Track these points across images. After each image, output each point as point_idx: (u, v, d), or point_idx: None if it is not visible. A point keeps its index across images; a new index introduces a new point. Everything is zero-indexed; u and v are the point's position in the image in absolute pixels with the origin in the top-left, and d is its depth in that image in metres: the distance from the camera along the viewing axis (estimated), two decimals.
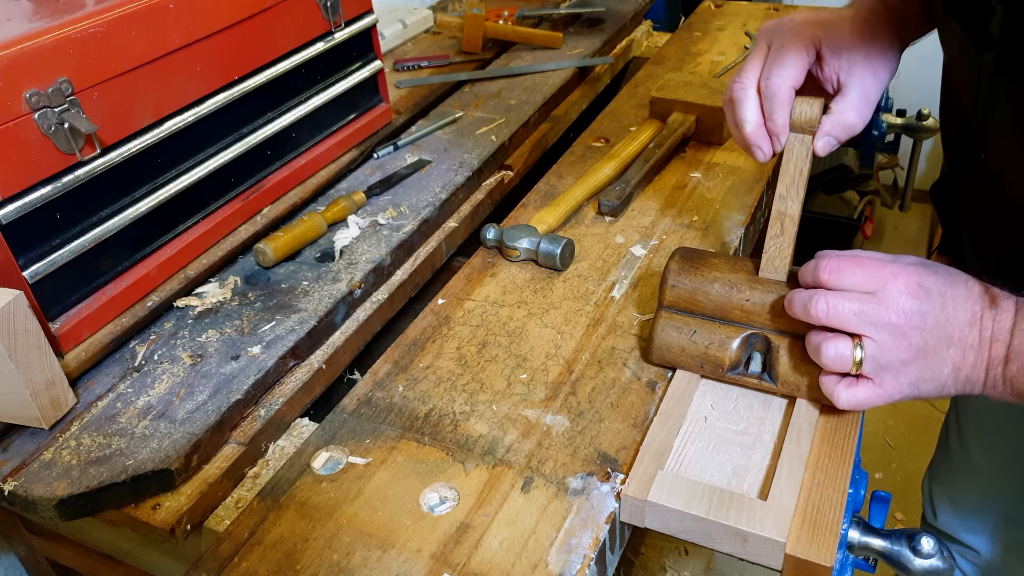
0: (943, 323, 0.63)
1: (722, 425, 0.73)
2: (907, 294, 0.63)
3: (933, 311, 0.63)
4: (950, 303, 0.63)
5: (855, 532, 0.67)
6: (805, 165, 0.71)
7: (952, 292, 0.64)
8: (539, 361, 0.82)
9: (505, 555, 0.63)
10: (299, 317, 0.86)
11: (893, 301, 0.63)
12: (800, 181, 0.71)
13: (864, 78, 0.73)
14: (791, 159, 0.71)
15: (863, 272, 0.65)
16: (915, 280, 0.64)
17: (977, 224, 0.85)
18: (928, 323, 0.63)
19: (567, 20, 1.56)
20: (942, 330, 0.63)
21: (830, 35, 0.72)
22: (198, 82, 0.88)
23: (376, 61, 1.13)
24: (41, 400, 0.73)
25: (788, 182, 0.72)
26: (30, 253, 0.77)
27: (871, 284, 0.64)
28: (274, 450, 0.78)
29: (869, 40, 0.73)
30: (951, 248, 0.94)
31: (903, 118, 2.33)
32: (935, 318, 0.63)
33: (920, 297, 0.63)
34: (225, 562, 0.64)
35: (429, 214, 1.02)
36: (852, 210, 2.48)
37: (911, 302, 0.63)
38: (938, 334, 0.63)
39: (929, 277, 0.64)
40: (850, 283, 0.65)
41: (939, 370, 0.64)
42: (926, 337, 0.63)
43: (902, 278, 0.64)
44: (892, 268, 0.64)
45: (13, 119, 0.72)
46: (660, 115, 1.18)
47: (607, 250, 0.97)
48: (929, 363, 0.64)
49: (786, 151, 0.72)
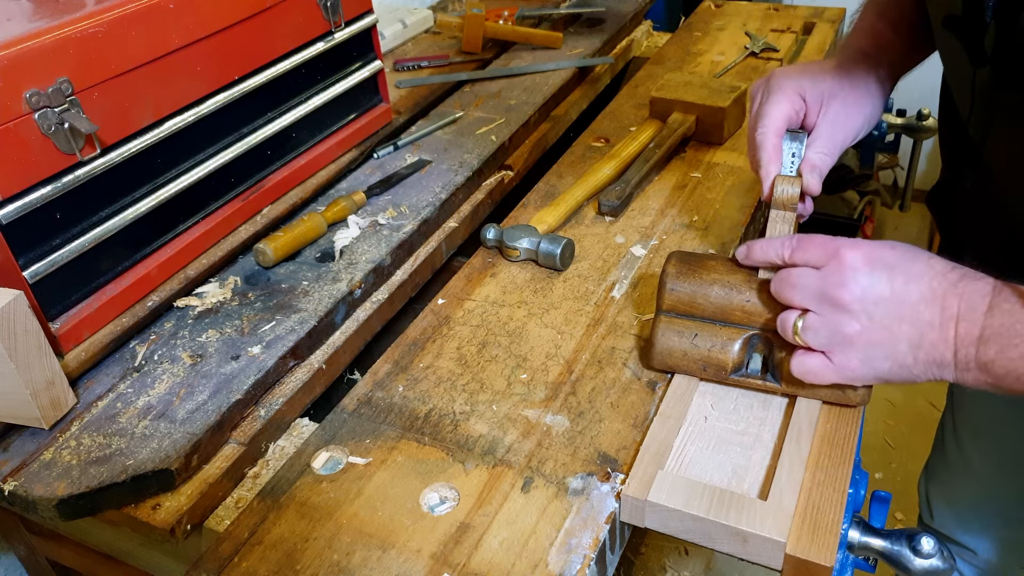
0: (888, 298, 0.62)
1: (722, 425, 0.73)
2: (851, 268, 0.63)
3: (877, 285, 0.62)
4: (900, 278, 0.62)
5: (855, 532, 0.67)
6: None
7: (905, 267, 0.63)
8: (539, 361, 0.82)
9: (505, 555, 0.63)
10: (299, 317, 0.86)
11: (836, 275, 0.63)
12: None
13: (835, 121, 0.80)
14: (773, 235, 0.75)
15: (815, 248, 0.66)
16: (863, 253, 0.63)
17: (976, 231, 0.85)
18: (870, 296, 0.62)
19: (567, 20, 1.56)
20: (888, 305, 0.62)
21: (812, 84, 0.80)
22: (198, 82, 0.88)
23: (376, 61, 1.13)
24: (41, 400, 0.73)
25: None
26: (30, 253, 0.77)
27: (822, 259, 0.65)
28: (274, 450, 0.78)
29: (848, 86, 0.80)
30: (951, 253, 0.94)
31: (903, 118, 2.33)
32: (878, 292, 0.62)
33: (865, 270, 0.63)
34: (225, 562, 0.64)
35: (429, 214, 1.02)
36: (852, 210, 2.48)
37: (854, 276, 0.63)
38: (884, 309, 0.62)
39: (882, 251, 0.64)
40: (804, 259, 0.67)
41: (892, 348, 0.63)
42: (870, 311, 0.62)
43: (850, 252, 0.63)
44: (844, 242, 0.65)
45: (13, 119, 0.72)
46: (660, 115, 1.18)
47: (607, 250, 0.97)
48: (877, 339, 0.63)
49: (768, 226, 0.76)
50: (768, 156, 0.78)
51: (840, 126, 0.80)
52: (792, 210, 0.75)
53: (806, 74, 0.81)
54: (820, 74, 0.81)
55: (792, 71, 0.81)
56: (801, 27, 1.52)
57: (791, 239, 0.68)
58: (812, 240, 0.67)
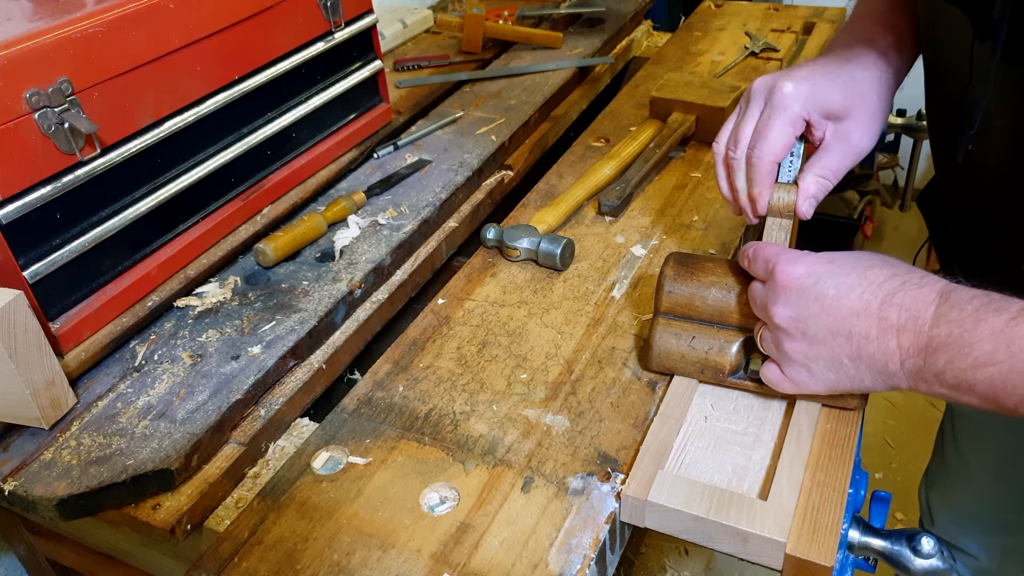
0: (818, 313, 0.62)
1: (722, 425, 0.73)
2: (782, 287, 0.64)
3: (807, 303, 0.63)
4: (830, 292, 0.62)
5: (855, 532, 0.67)
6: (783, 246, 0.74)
7: (838, 281, 0.62)
8: (539, 361, 0.82)
9: (505, 555, 0.63)
10: (299, 317, 0.86)
11: (772, 293, 0.65)
12: None
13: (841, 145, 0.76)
14: (770, 241, 0.74)
15: (759, 263, 0.68)
16: (795, 271, 0.64)
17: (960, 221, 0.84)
18: (803, 314, 0.63)
19: (567, 20, 1.56)
20: (820, 320, 0.62)
21: (820, 106, 0.75)
22: (198, 82, 0.88)
23: (376, 61, 1.13)
24: (41, 400, 0.73)
25: None
26: (30, 253, 0.76)
27: (764, 275, 0.67)
28: (274, 450, 0.78)
29: (858, 102, 0.76)
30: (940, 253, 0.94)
31: (903, 118, 2.33)
32: (809, 309, 0.63)
33: (795, 289, 0.64)
34: (225, 562, 0.64)
35: (429, 214, 1.02)
36: (852, 210, 2.48)
37: (785, 295, 0.64)
38: (816, 324, 0.63)
39: (817, 266, 0.64)
40: (755, 272, 0.69)
41: (833, 360, 0.63)
42: (803, 328, 0.63)
43: (784, 270, 0.64)
44: (780, 258, 0.66)
45: (13, 119, 0.72)
46: (660, 115, 1.18)
47: (607, 250, 0.97)
48: (815, 353, 0.64)
49: (764, 234, 0.75)
50: (762, 181, 0.75)
51: (846, 151, 0.76)
52: (788, 217, 0.75)
53: (814, 92, 0.75)
54: (829, 93, 0.75)
55: (800, 87, 0.74)
56: (801, 27, 1.52)
57: (751, 249, 0.70)
58: (760, 254, 0.68)
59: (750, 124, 0.76)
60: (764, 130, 0.74)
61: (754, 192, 0.76)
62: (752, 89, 0.77)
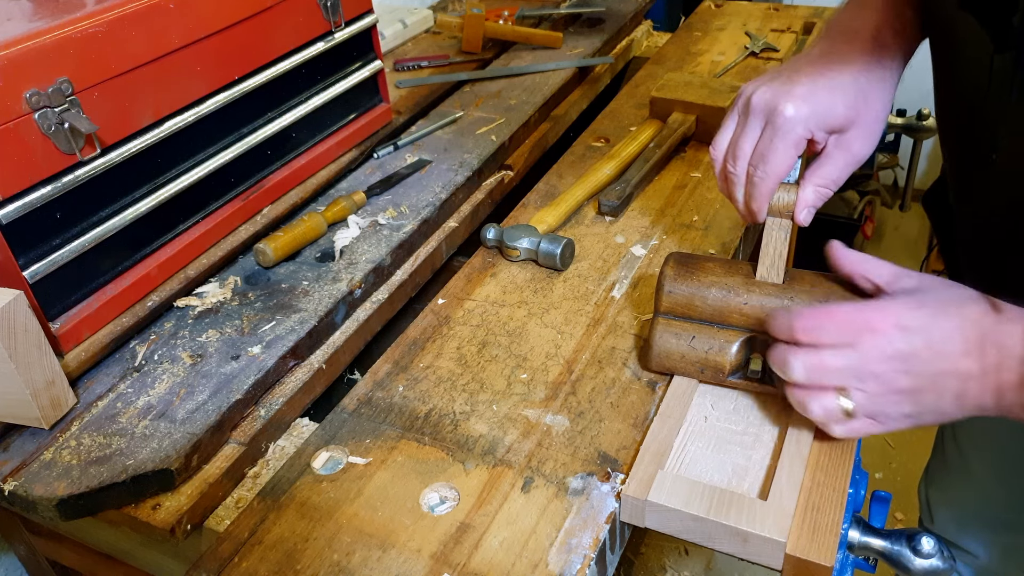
0: (930, 360, 0.61)
1: (722, 425, 0.73)
2: (886, 340, 0.61)
3: (917, 351, 0.61)
4: (937, 338, 0.61)
5: (855, 532, 0.67)
6: (784, 247, 0.73)
7: (939, 325, 0.61)
8: (539, 361, 0.82)
9: (505, 555, 0.63)
10: (299, 317, 0.86)
11: (873, 350, 0.61)
12: (779, 263, 0.73)
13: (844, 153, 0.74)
14: (770, 242, 0.74)
15: (837, 326, 0.63)
16: (893, 323, 0.61)
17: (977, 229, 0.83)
18: (915, 366, 0.61)
19: (567, 20, 1.56)
20: (931, 367, 0.61)
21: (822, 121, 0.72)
22: (198, 82, 0.88)
23: (376, 61, 1.13)
24: (41, 400, 0.73)
25: (768, 264, 0.74)
26: (30, 253, 0.76)
27: (848, 336, 0.62)
28: (274, 450, 0.78)
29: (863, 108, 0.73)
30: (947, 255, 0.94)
31: (903, 118, 2.33)
32: (920, 358, 0.61)
33: (902, 341, 0.61)
34: (225, 562, 0.64)
35: (429, 214, 1.02)
36: (852, 210, 2.48)
37: (891, 348, 0.61)
38: (928, 372, 0.61)
39: (911, 313, 0.62)
40: (827, 339, 0.63)
41: (937, 402, 0.62)
42: (914, 378, 0.61)
43: (880, 325, 0.62)
44: (867, 316, 0.63)
45: (13, 119, 0.72)
46: (660, 115, 1.18)
47: (607, 250, 0.97)
48: (925, 398, 0.62)
49: (764, 234, 0.74)
50: (762, 198, 0.74)
51: (848, 161, 0.74)
52: (788, 217, 0.74)
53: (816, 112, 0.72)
54: (831, 108, 0.72)
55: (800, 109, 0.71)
56: (801, 27, 1.52)
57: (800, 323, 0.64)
58: (832, 318, 0.64)
59: (749, 141, 0.74)
60: (766, 153, 0.72)
61: (753, 207, 0.75)
62: (751, 104, 0.74)
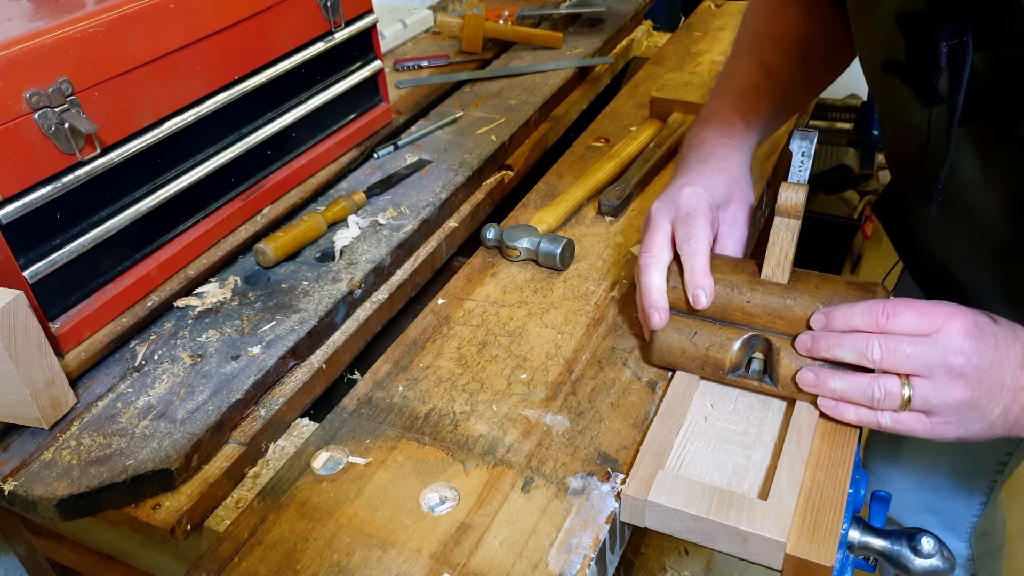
0: (997, 363, 0.63)
1: (722, 425, 0.73)
2: (964, 333, 0.63)
3: (988, 351, 0.63)
4: (1003, 343, 0.63)
5: (855, 532, 0.67)
6: (790, 248, 0.73)
7: (1002, 332, 0.64)
8: (539, 361, 0.82)
9: (505, 555, 0.63)
10: (299, 317, 0.86)
11: (951, 341, 0.63)
12: (785, 263, 0.73)
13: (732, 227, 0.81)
14: (776, 241, 0.74)
15: (917, 314, 0.65)
16: (971, 319, 0.63)
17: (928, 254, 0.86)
18: (985, 363, 0.62)
19: (567, 20, 1.56)
20: (996, 371, 0.63)
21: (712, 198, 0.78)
22: (198, 82, 0.88)
23: (376, 61, 1.13)
24: (41, 400, 0.73)
25: (774, 263, 0.74)
26: (30, 253, 0.76)
27: (927, 326, 0.64)
28: (274, 450, 0.78)
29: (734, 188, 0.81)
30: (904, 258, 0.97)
31: None
32: (991, 358, 0.63)
33: (976, 336, 0.63)
34: (225, 562, 0.64)
35: (429, 214, 1.02)
36: (852, 210, 2.48)
37: (969, 342, 0.62)
38: (993, 375, 0.63)
39: (981, 317, 0.64)
40: (905, 327, 0.65)
41: (989, 411, 0.64)
42: (982, 377, 0.63)
43: (958, 318, 0.63)
44: (946, 309, 0.64)
45: (13, 119, 0.72)
46: (660, 115, 1.18)
47: (607, 250, 0.97)
48: (981, 403, 0.63)
49: (772, 233, 0.74)
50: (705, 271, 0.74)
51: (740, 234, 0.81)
52: (796, 218, 0.74)
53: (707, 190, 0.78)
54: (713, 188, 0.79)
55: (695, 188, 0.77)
56: None
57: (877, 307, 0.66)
58: (909, 308, 0.65)
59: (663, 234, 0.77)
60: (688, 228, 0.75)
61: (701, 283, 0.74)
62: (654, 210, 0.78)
